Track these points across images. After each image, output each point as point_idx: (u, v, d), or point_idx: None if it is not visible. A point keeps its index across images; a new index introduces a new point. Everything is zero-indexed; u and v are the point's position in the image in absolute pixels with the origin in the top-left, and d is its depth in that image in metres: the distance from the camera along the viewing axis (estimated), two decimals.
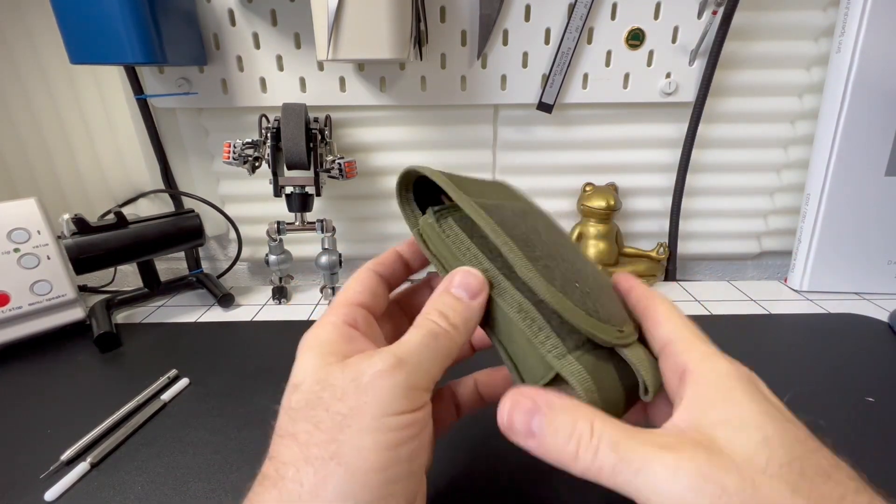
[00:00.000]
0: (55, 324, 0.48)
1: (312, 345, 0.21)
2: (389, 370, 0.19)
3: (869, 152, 0.52)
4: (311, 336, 0.22)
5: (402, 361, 0.19)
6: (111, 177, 0.61)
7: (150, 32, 0.44)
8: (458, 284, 0.22)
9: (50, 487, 0.30)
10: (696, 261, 0.66)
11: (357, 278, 0.25)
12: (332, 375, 0.19)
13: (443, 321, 0.21)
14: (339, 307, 0.23)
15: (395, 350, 0.20)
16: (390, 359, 0.19)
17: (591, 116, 0.57)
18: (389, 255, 0.27)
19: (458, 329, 0.21)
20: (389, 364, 0.19)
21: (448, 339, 0.21)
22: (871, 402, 0.37)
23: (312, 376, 0.20)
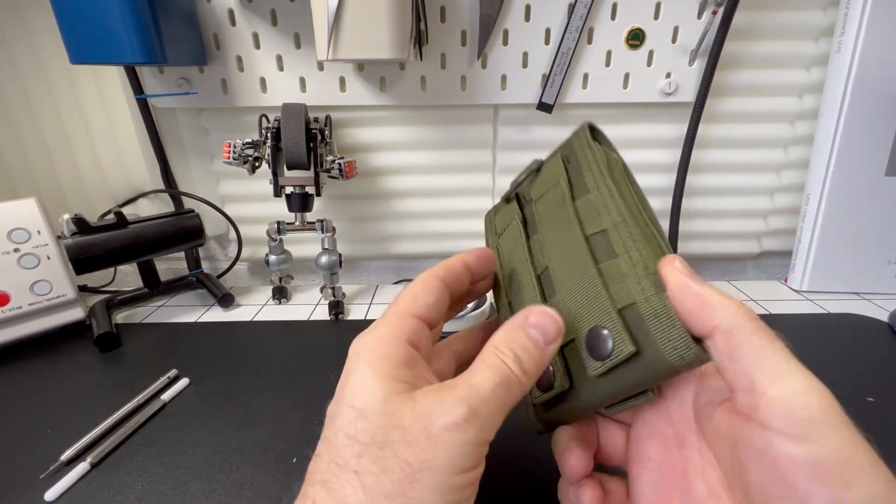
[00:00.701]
0: (55, 324, 0.48)
1: (373, 360, 0.20)
2: (462, 424, 0.18)
3: (869, 152, 0.52)
4: (370, 347, 0.20)
5: (475, 414, 0.18)
6: (111, 177, 0.61)
7: (150, 32, 0.44)
8: (535, 325, 0.20)
9: (50, 487, 0.30)
10: (696, 261, 0.66)
11: (425, 287, 0.23)
12: (402, 412, 0.18)
13: (516, 366, 0.20)
14: (404, 318, 0.21)
15: (467, 397, 0.18)
16: (464, 410, 0.18)
17: (591, 116, 0.57)
18: (457, 265, 0.25)
19: (529, 377, 0.20)
20: (462, 416, 0.18)
21: (519, 389, 0.20)
22: (871, 402, 0.37)
23: (380, 406, 0.18)
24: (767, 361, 0.17)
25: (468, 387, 0.19)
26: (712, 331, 0.18)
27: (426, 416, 0.18)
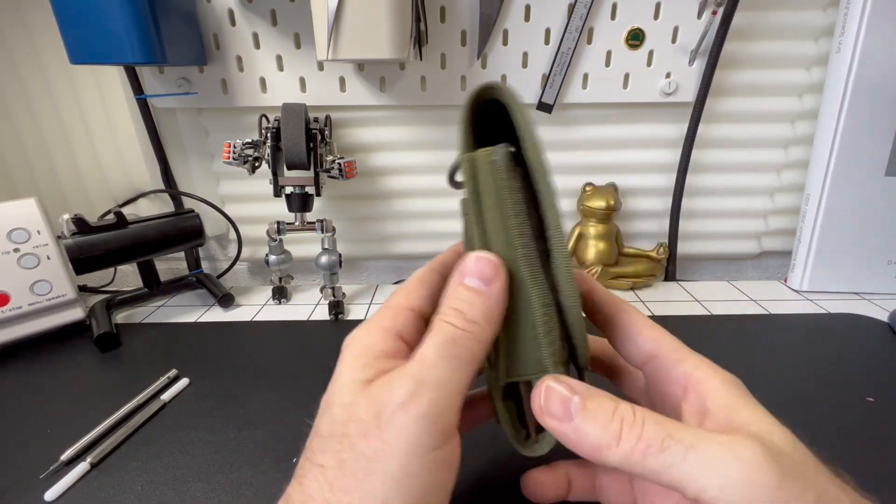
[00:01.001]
0: (55, 324, 0.48)
1: (355, 350, 0.19)
2: (410, 400, 0.17)
3: (869, 152, 0.52)
4: (356, 339, 0.20)
5: (422, 385, 0.17)
6: (111, 177, 0.61)
7: (150, 32, 0.44)
8: (470, 272, 0.20)
9: (50, 487, 0.30)
10: (696, 261, 0.66)
11: (417, 279, 0.22)
12: (358, 403, 0.18)
13: (459, 319, 0.19)
14: (396, 311, 0.21)
15: (411, 371, 0.18)
16: (409, 384, 0.17)
17: (591, 116, 0.57)
18: (450, 255, 0.24)
19: (479, 325, 0.19)
20: (408, 392, 0.17)
21: (469, 341, 0.18)
22: (871, 402, 0.37)
23: (343, 398, 0.18)
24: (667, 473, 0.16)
25: (414, 361, 0.18)
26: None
27: (377, 403, 0.17)
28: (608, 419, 0.17)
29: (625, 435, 0.16)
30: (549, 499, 0.24)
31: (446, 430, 0.18)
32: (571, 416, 0.17)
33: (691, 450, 0.16)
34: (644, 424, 0.16)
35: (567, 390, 0.18)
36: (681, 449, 0.16)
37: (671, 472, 0.16)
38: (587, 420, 0.17)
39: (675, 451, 0.16)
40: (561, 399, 0.18)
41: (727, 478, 0.15)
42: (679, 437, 0.16)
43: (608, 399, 0.18)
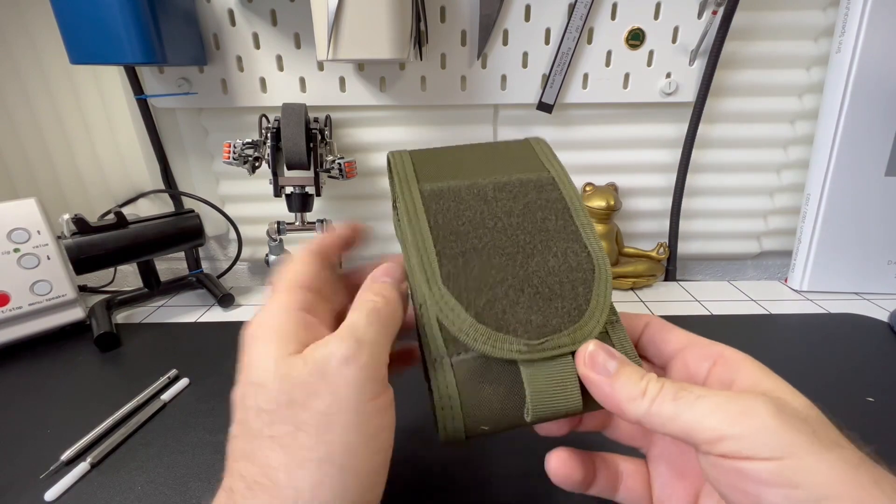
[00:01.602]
0: (55, 324, 0.48)
1: (266, 335, 0.20)
2: (354, 355, 0.19)
3: (869, 152, 0.52)
4: (261, 325, 0.21)
5: (360, 342, 0.19)
6: (111, 177, 0.61)
7: (150, 32, 0.44)
8: (383, 272, 0.24)
9: (50, 487, 0.30)
10: (696, 261, 0.66)
11: (302, 261, 0.24)
12: (296, 370, 0.18)
13: (378, 297, 0.22)
14: (290, 290, 0.22)
15: (349, 333, 0.19)
16: (350, 342, 0.19)
17: (591, 116, 0.57)
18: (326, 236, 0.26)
19: (395, 299, 0.22)
20: (351, 348, 0.19)
21: (389, 309, 0.21)
22: (871, 402, 0.37)
23: (275, 373, 0.19)
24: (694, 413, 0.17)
25: (345, 327, 0.20)
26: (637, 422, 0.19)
27: (319, 363, 0.18)
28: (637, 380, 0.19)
29: (649, 390, 0.18)
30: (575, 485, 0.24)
31: (383, 380, 0.20)
32: (609, 373, 0.19)
33: (700, 398, 0.17)
34: (664, 385, 0.18)
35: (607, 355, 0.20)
36: (691, 397, 0.17)
37: (682, 418, 0.17)
38: (620, 377, 0.19)
39: (686, 399, 0.17)
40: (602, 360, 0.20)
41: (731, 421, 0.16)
42: (690, 389, 0.18)
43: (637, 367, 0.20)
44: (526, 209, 0.24)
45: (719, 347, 0.21)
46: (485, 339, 0.20)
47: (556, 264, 0.22)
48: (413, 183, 0.26)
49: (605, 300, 0.22)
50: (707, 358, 0.21)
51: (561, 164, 0.27)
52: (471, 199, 0.24)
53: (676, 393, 0.18)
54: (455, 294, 0.21)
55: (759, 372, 0.20)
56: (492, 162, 0.27)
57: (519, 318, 0.20)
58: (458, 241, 0.23)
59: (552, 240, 0.23)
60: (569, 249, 0.23)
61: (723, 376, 0.20)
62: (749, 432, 0.16)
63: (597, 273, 0.22)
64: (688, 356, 0.22)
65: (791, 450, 0.16)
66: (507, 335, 0.20)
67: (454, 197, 0.24)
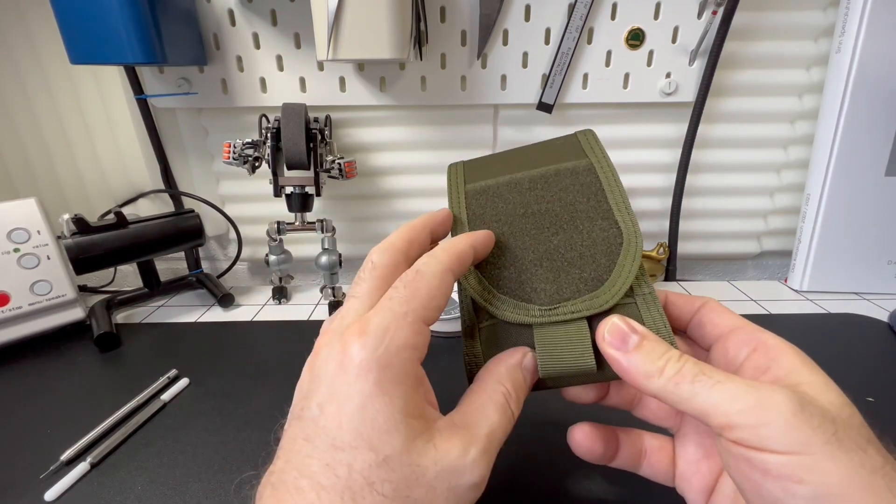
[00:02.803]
0: (55, 324, 0.48)
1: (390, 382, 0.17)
2: (481, 483, 0.18)
3: (869, 152, 0.52)
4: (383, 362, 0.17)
5: (490, 464, 0.19)
6: (111, 177, 0.61)
7: (150, 32, 0.44)
8: (526, 367, 0.22)
9: (50, 487, 0.30)
10: (696, 261, 0.66)
11: (439, 285, 0.20)
12: (425, 464, 0.17)
13: (515, 406, 0.21)
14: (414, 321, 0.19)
15: (486, 450, 0.19)
16: (484, 468, 0.18)
17: (591, 116, 0.57)
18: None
19: (516, 415, 0.21)
20: (483, 476, 0.18)
21: (511, 425, 0.21)
22: (871, 402, 0.37)
23: (403, 455, 0.17)
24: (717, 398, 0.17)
25: (485, 439, 0.19)
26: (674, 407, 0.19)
27: (451, 472, 0.17)
28: (657, 356, 0.19)
29: (667, 369, 0.18)
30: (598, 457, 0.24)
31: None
32: (628, 348, 0.20)
33: (718, 384, 0.17)
34: (685, 364, 0.18)
35: (628, 327, 0.20)
36: (709, 382, 0.18)
37: (697, 399, 0.17)
38: (639, 353, 0.19)
39: (704, 383, 0.18)
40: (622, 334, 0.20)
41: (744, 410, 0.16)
42: (710, 374, 0.18)
43: (661, 343, 0.20)
44: (558, 195, 0.26)
45: (764, 335, 0.21)
46: (505, 307, 0.23)
47: (580, 239, 0.24)
48: (461, 186, 0.28)
49: (629, 271, 0.23)
50: (748, 343, 0.21)
51: (604, 151, 0.29)
52: (507, 193, 0.27)
53: (695, 375, 0.18)
54: (483, 272, 0.24)
55: (798, 363, 0.19)
56: (535, 158, 0.29)
57: (536, 288, 0.23)
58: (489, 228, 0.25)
59: (579, 219, 0.25)
60: (596, 226, 0.25)
61: (759, 363, 0.20)
62: (761, 423, 0.16)
63: (625, 246, 0.24)
64: (730, 340, 0.22)
65: (803, 446, 0.16)
66: (523, 303, 0.23)
67: (493, 192, 0.27)
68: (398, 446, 0.16)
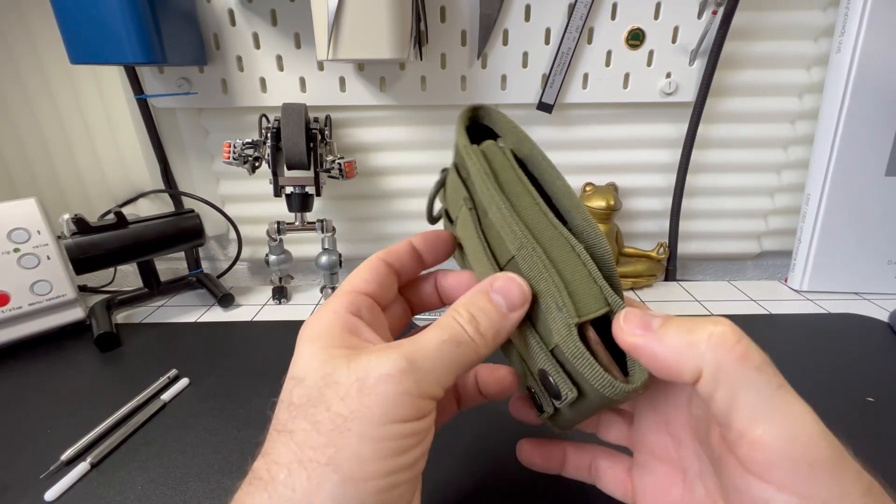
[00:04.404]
0: (55, 324, 0.48)
1: (313, 335, 0.20)
2: (398, 375, 0.17)
3: (869, 152, 0.52)
4: (311, 326, 0.20)
5: (413, 366, 0.18)
6: (111, 177, 0.61)
7: (150, 32, 0.44)
8: (499, 290, 0.20)
9: (50, 487, 0.30)
10: (696, 261, 0.66)
11: (365, 266, 0.23)
12: (338, 371, 0.18)
13: (471, 327, 0.19)
14: (343, 295, 0.22)
15: (408, 351, 0.18)
16: (401, 362, 0.18)
17: (591, 116, 0.57)
18: (403, 247, 0.25)
19: (485, 340, 0.19)
20: (399, 368, 0.18)
21: (471, 350, 0.19)
22: (871, 402, 0.37)
23: (317, 371, 0.18)
24: (748, 402, 0.15)
25: (412, 342, 0.19)
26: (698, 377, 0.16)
27: (362, 370, 0.18)
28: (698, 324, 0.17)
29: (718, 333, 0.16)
30: (541, 468, 0.26)
31: (424, 409, 0.18)
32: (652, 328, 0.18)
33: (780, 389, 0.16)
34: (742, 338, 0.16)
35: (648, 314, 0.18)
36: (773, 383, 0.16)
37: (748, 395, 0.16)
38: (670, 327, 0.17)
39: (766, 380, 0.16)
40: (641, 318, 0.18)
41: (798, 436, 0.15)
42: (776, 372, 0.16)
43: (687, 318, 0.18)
44: None
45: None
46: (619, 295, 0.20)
47: None
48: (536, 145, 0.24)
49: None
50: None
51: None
52: None
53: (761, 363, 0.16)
54: None
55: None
56: None
57: None
58: None
59: None
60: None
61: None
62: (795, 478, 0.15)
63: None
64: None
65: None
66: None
67: None
68: (314, 367, 0.19)
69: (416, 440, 0.18)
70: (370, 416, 0.17)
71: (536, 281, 0.20)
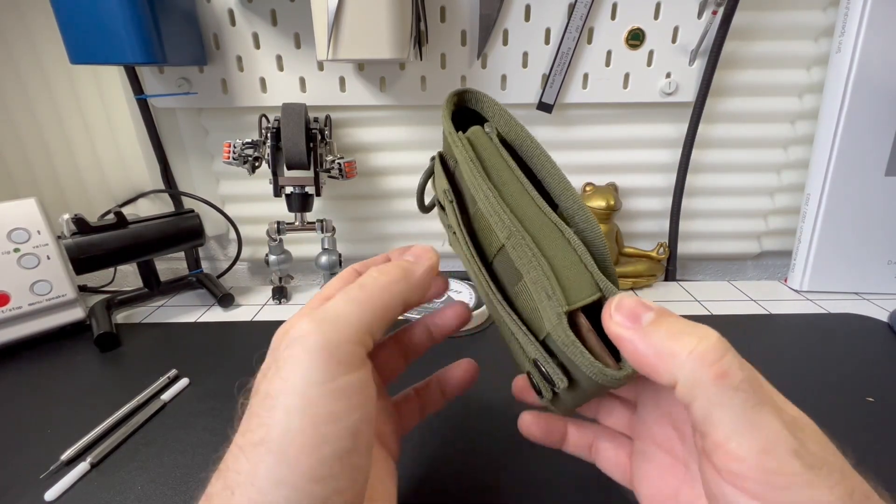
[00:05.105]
0: (55, 324, 0.48)
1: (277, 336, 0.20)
2: (306, 334, 0.17)
3: (869, 152, 0.52)
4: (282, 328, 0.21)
5: (320, 319, 0.18)
6: (111, 177, 0.61)
7: (150, 32, 0.44)
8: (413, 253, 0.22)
9: (50, 487, 0.30)
10: (696, 261, 0.66)
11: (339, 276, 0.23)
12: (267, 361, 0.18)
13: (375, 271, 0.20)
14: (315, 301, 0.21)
15: (316, 311, 0.18)
16: (307, 322, 0.18)
17: (591, 116, 0.57)
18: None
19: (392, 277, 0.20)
20: (306, 328, 0.17)
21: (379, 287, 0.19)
22: (871, 402, 0.37)
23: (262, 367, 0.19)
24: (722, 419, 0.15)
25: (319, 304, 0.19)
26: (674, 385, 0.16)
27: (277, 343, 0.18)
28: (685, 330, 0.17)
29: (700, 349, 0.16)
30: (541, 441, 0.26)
31: (346, 362, 0.17)
32: (641, 323, 0.17)
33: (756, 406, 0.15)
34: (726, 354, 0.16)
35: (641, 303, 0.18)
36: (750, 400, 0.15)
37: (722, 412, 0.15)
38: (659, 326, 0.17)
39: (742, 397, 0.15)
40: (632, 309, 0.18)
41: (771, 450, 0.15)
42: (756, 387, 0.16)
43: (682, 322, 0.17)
44: None
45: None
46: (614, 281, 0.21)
47: None
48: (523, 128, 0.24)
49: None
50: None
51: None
52: None
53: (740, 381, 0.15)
54: None
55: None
56: None
57: None
58: None
59: None
60: None
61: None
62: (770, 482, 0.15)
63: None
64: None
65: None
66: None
67: None
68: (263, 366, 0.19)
69: (350, 402, 0.17)
70: (291, 385, 0.17)
71: (527, 270, 0.20)
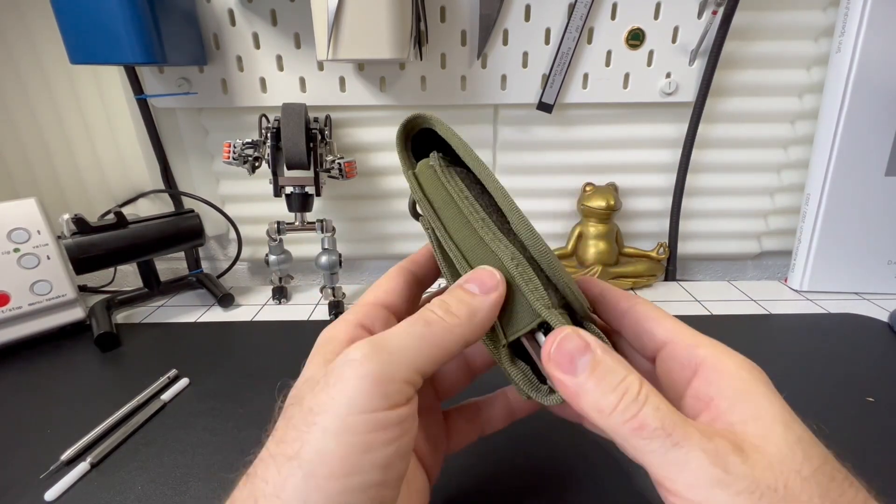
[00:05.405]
0: (55, 324, 0.48)
1: (318, 344, 0.21)
2: (361, 359, 0.17)
3: (869, 152, 0.52)
4: (322, 335, 0.21)
5: (378, 348, 0.17)
6: (111, 177, 0.61)
7: (150, 32, 0.44)
8: (469, 279, 0.20)
9: (50, 487, 0.30)
10: (696, 261, 0.66)
11: (387, 276, 0.24)
12: (318, 371, 0.19)
13: (441, 309, 0.19)
14: (360, 306, 0.22)
15: (375, 337, 0.18)
16: (366, 346, 0.17)
17: (591, 116, 0.57)
18: (424, 253, 0.25)
19: (458, 319, 0.19)
20: (362, 353, 0.17)
21: (443, 328, 0.19)
22: (871, 402, 0.37)
23: (306, 374, 0.19)
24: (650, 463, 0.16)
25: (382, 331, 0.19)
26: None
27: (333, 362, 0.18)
28: (611, 388, 0.17)
29: (620, 408, 0.17)
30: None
31: (393, 397, 0.17)
32: (576, 371, 0.18)
33: (676, 447, 0.16)
34: (644, 406, 0.16)
35: (581, 344, 0.18)
36: (666, 443, 0.16)
37: (649, 457, 0.16)
38: (591, 380, 0.17)
39: (659, 442, 0.16)
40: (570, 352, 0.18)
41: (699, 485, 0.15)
42: (669, 431, 0.16)
43: (620, 367, 0.18)
44: None
45: (701, 350, 0.19)
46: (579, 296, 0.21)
47: None
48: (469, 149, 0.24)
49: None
50: (687, 367, 0.19)
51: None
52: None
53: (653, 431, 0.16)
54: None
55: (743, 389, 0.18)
56: None
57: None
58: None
59: None
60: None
61: (701, 391, 0.18)
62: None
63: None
64: (670, 363, 0.20)
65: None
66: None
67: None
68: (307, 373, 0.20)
69: (387, 436, 0.17)
70: (335, 408, 0.17)
71: None
